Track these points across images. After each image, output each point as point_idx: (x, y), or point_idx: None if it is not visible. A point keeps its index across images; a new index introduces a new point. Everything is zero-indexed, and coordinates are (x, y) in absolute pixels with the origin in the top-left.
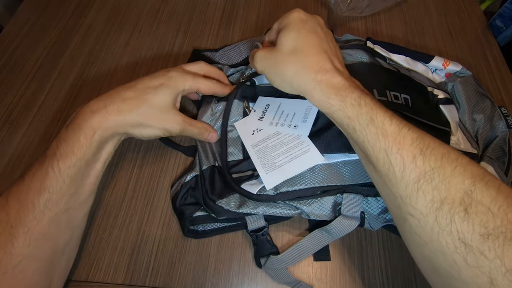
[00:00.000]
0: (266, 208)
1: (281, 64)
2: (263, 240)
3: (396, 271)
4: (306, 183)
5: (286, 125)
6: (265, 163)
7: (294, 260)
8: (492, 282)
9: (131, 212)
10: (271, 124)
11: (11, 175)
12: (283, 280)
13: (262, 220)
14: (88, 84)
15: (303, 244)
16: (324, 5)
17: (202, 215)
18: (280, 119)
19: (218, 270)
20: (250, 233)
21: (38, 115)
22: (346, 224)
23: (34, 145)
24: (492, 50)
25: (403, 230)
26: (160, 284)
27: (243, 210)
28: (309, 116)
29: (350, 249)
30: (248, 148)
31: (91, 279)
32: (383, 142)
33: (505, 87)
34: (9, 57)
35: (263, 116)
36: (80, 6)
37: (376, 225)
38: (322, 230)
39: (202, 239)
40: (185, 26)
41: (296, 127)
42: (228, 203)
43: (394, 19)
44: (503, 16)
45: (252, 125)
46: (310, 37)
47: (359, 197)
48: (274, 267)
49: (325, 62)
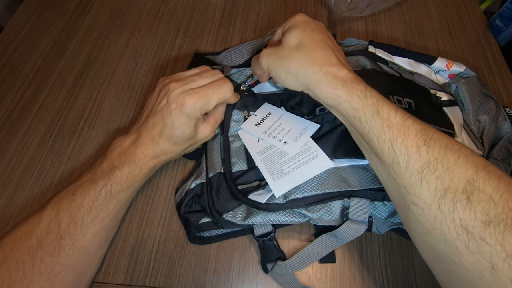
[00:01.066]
0: (273, 217)
1: (286, 58)
2: (270, 245)
3: (396, 271)
4: (316, 189)
5: (278, 138)
6: (273, 170)
7: (301, 265)
8: (493, 267)
9: (131, 212)
10: (264, 133)
11: (11, 175)
12: (290, 286)
13: (269, 225)
14: (88, 84)
15: (310, 249)
16: (324, 5)
17: (208, 221)
18: (275, 131)
19: (218, 270)
20: (256, 238)
21: (38, 115)
22: (354, 229)
23: (34, 145)
24: (492, 50)
25: (407, 219)
26: (160, 284)
27: (249, 222)
28: (302, 137)
29: (350, 249)
30: (254, 156)
31: None
32: (388, 133)
33: (505, 87)
34: (9, 57)
35: (261, 123)
36: (80, 6)
37: (383, 229)
38: (329, 235)
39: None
40: (185, 26)
41: (286, 144)
42: (234, 215)
43: (394, 19)
44: (503, 16)
45: (254, 132)
46: (314, 35)
47: (367, 201)
48: (281, 273)
49: (330, 56)
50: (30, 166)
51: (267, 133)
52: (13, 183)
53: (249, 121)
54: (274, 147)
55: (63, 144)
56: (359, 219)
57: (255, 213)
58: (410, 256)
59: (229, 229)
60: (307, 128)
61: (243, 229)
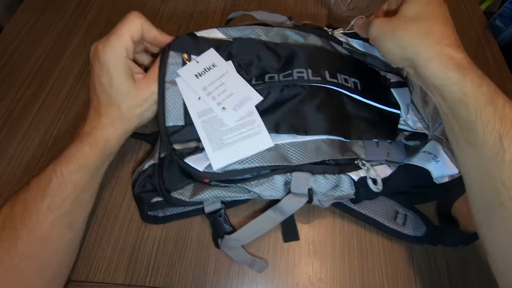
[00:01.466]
0: (219, 193)
1: (401, 29)
2: (220, 221)
3: (396, 271)
4: (254, 162)
5: (217, 101)
6: (213, 138)
7: (248, 238)
8: None
9: (131, 212)
10: (204, 90)
11: (11, 175)
12: (240, 258)
13: (218, 203)
14: (88, 84)
15: (256, 223)
16: (324, 5)
17: (160, 200)
18: (216, 90)
19: (218, 270)
20: (207, 215)
21: (38, 115)
22: (295, 201)
23: (34, 145)
24: (492, 50)
25: (492, 216)
26: (160, 284)
27: (196, 199)
28: (243, 107)
29: (350, 249)
30: (193, 116)
31: (91, 279)
32: (499, 125)
33: (505, 87)
34: (9, 57)
35: (202, 74)
36: (80, 6)
37: (326, 202)
38: (274, 209)
39: (203, 239)
40: (185, 26)
41: (224, 111)
42: (182, 193)
43: None
44: (503, 16)
45: (193, 85)
46: (437, 7)
47: (308, 175)
48: (229, 246)
49: (449, 34)
50: (30, 166)
51: (206, 91)
52: (13, 183)
53: (189, 67)
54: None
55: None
56: (299, 191)
57: (201, 190)
58: (410, 256)
59: (183, 209)
60: (250, 98)
61: (196, 208)
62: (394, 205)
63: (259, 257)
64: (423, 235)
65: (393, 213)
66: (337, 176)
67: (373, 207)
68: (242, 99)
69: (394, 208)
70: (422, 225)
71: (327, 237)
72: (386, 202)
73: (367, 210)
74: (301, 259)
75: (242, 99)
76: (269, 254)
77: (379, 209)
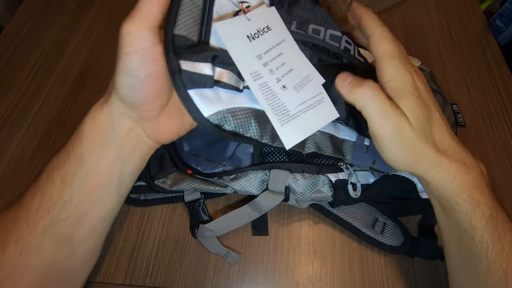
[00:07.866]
0: (197, 185)
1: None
2: (198, 210)
3: (396, 271)
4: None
5: (275, 76)
6: (276, 108)
7: (223, 229)
8: None
9: (131, 212)
10: (259, 58)
11: (11, 175)
12: (213, 249)
13: (198, 193)
14: (88, 84)
15: (231, 216)
16: (324, 5)
17: (142, 185)
18: (273, 61)
19: (218, 270)
20: (186, 204)
21: (38, 115)
22: (271, 199)
23: (34, 145)
24: (492, 50)
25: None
26: (160, 284)
27: (176, 188)
28: (304, 88)
29: (350, 249)
30: (246, 77)
31: (91, 279)
32: (506, 264)
33: (505, 87)
34: (9, 57)
35: (256, 37)
36: (80, 6)
37: (304, 203)
38: (250, 204)
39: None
40: None
41: (284, 89)
42: (164, 182)
43: (394, 19)
44: (503, 16)
45: (243, 48)
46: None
47: (286, 173)
48: (204, 236)
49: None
50: (30, 166)
51: (262, 60)
52: (13, 183)
53: (238, 22)
54: (274, 69)
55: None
56: (276, 189)
57: (182, 181)
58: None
59: (164, 195)
60: (311, 78)
61: (176, 196)
62: (374, 212)
63: (259, 257)
64: (400, 245)
65: (372, 220)
66: (316, 176)
67: (352, 212)
68: (303, 79)
69: (374, 215)
70: (400, 235)
71: (327, 237)
72: (366, 209)
73: (344, 214)
74: (301, 259)
75: (303, 79)
76: (269, 254)
77: (357, 215)
